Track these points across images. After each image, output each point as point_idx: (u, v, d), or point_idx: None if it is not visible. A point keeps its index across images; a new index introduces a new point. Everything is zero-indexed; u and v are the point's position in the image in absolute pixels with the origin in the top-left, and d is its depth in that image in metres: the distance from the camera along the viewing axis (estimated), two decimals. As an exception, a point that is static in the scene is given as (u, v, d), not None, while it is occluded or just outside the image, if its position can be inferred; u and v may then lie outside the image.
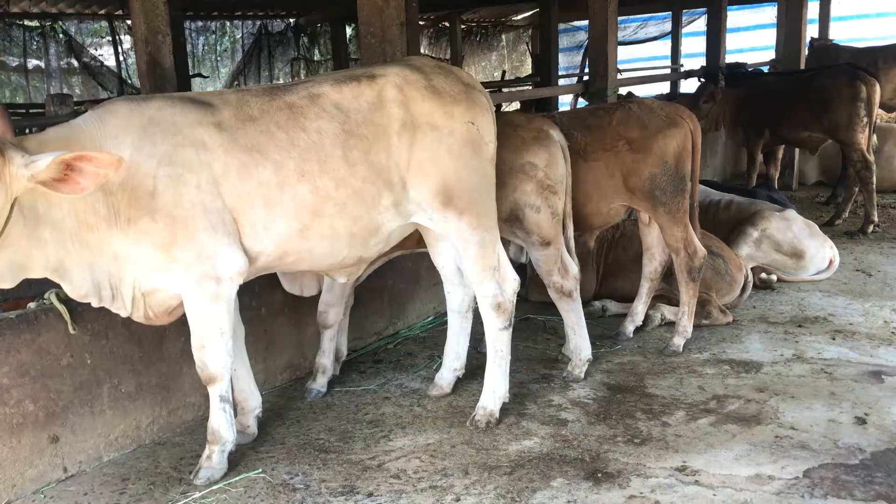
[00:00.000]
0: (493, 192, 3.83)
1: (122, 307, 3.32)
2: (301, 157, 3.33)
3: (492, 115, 3.80)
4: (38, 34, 11.78)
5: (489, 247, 3.81)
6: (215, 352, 3.38)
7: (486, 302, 3.88)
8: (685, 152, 4.54)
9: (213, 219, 3.22)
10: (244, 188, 3.27)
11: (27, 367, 3.40)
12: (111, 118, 3.17)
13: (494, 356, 3.96)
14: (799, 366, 4.53)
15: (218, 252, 3.25)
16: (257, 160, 3.28)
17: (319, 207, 3.38)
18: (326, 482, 3.47)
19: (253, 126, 3.31)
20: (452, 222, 3.69)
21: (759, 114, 8.48)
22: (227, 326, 3.39)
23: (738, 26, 16.73)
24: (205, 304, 3.31)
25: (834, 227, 7.75)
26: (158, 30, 5.54)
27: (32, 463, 3.43)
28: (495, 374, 3.97)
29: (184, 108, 3.26)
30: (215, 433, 3.50)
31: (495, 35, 19.16)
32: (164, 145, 3.16)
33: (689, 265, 4.69)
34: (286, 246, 3.42)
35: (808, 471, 3.39)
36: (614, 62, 7.64)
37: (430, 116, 3.56)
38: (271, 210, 3.32)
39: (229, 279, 3.32)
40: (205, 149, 3.22)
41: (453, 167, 3.61)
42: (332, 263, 3.62)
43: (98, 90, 12.28)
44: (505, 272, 3.91)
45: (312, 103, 3.42)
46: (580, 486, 3.36)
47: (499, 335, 3.93)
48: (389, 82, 3.54)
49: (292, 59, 14.82)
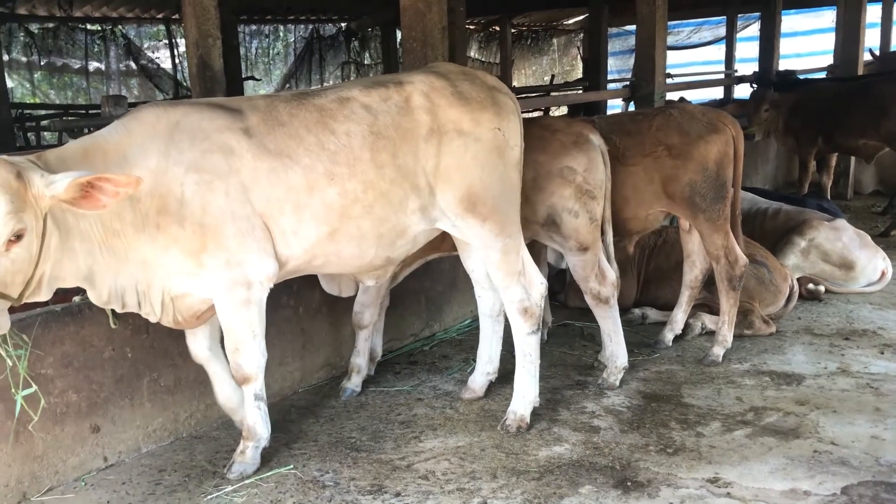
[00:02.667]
0: (516, 198, 3.81)
1: (152, 312, 3.34)
2: (330, 159, 3.34)
3: (518, 119, 3.78)
4: (99, 38, 12.19)
5: (512, 252, 3.79)
6: (249, 354, 3.42)
7: (512, 307, 3.88)
8: (727, 159, 4.46)
9: (242, 225, 3.23)
10: (274, 193, 3.27)
11: (71, 359, 3.52)
12: (137, 126, 3.18)
13: (523, 360, 3.95)
14: (843, 379, 4.40)
15: (248, 259, 3.26)
16: (287, 165, 3.28)
17: (348, 210, 3.38)
18: (356, 480, 3.51)
19: (282, 130, 3.31)
20: (475, 229, 3.68)
21: (812, 121, 8.28)
22: (260, 328, 3.42)
23: (795, 30, 16.37)
24: (237, 309, 3.33)
25: (889, 238, 7.50)
26: (209, 33, 5.66)
27: (74, 451, 3.55)
28: (525, 379, 3.95)
29: (211, 113, 3.26)
30: (250, 430, 3.56)
31: (546, 39, 19.09)
32: (191, 152, 3.17)
33: (729, 273, 4.61)
34: (315, 249, 3.44)
35: (847, 488, 3.29)
36: (662, 67, 7.55)
37: (458, 123, 3.55)
38: (301, 214, 3.32)
39: (259, 284, 3.34)
40: (233, 154, 3.22)
41: (479, 174, 3.60)
42: (360, 265, 3.64)
43: (155, 92, 12.65)
44: (531, 276, 3.89)
45: (342, 106, 3.42)
46: (608, 494, 3.32)
47: (527, 339, 3.92)
48: (416, 89, 3.54)
49: (343, 63, 15.02)
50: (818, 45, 15.28)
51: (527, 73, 18.97)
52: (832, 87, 8.43)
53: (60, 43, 11.82)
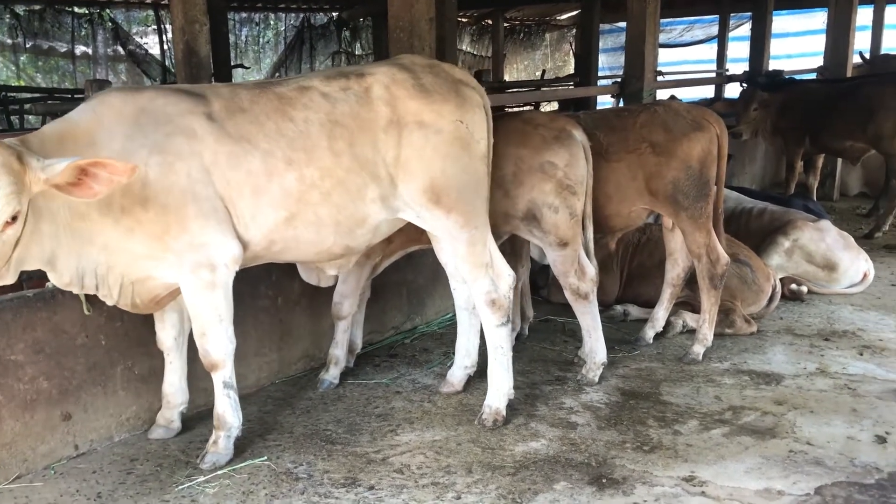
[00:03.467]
0: (483, 190, 3.80)
1: (109, 295, 3.36)
2: (289, 145, 3.38)
3: (484, 113, 3.77)
4: (86, 21, 12.05)
5: (479, 244, 3.79)
6: (216, 339, 3.42)
7: (480, 299, 3.85)
8: (710, 157, 4.44)
9: (204, 207, 3.26)
10: (234, 177, 3.31)
11: (42, 345, 3.48)
12: (105, 110, 3.22)
13: (495, 353, 3.91)
14: (822, 380, 4.40)
15: (211, 240, 3.29)
16: (246, 149, 3.32)
17: (305, 195, 3.41)
18: (329, 473, 3.48)
19: (243, 116, 3.36)
20: (440, 220, 3.68)
21: (799, 121, 8.29)
22: (227, 313, 3.43)
23: (786, 31, 16.40)
24: (201, 292, 3.34)
25: (872, 240, 7.52)
26: (196, 19, 5.58)
27: (44, 439, 3.50)
28: (498, 372, 3.93)
29: (176, 98, 3.31)
30: (220, 418, 3.54)
31: (538, 34, 19.05)
32: (155, 135, 3.21)
33: (711, 272, 4.60)
34: (273, 234, 3.45)
35: (821, 488, 3.29)
36: (652, 64, 7.53)
37: (418, 115, 3.56)
38: (259, 199, 3.36)
39: (224, 266, 3.35)
40: (195, 138, 3.26)
41: (441, 165, 3.60)
42: (319, 251, 3.64)
43: (142, 78, 12.52)
44: (499, 268, 3.88)
45: (301, 94, 3.47)
46: (583, 490, 3.31)
47: (497, 331, 3.89)
48: (377, 81, 3.56)
49: (334, 53, 14.92)
50: (809, 46, 15.32)
51: (519, 68, 18.93)
52: (821, 89, 8.44)
53: (47, 26, 11.68)
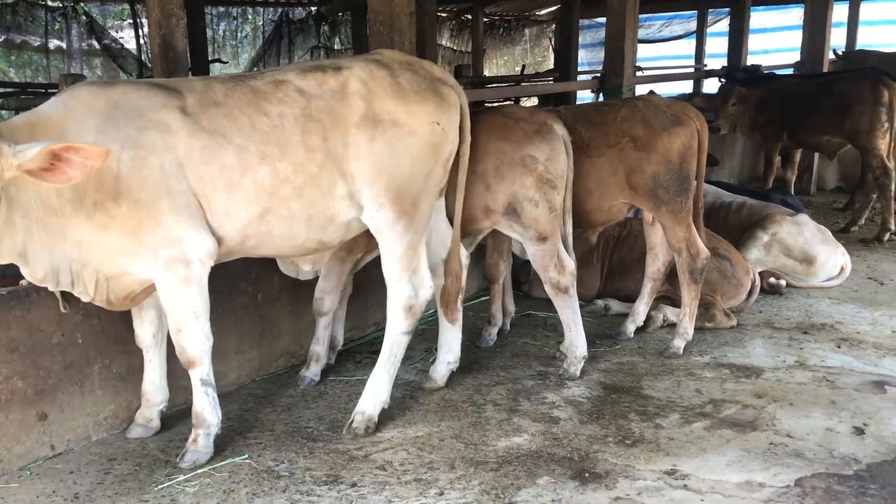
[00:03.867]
0: (435, 194, 3.80)
1: (84, 292, 3.32)
2: (262, 140, 3.34)
3: (459, 112, 3.74)
4: (59, 15, 11.83)
5: (415, 248, 3.76)
6: (192, 335, 3.38)
7: (398, 303, 3.79)
8: (690, 151, 4.46)
9: (178, 201, 3.22)
10: (208, 172, 3.27)
11: (17, 344, 3.41)
12: (75, 104, 3.17)
13: (387, 360, 3.84)
14: (800, 373, 4.44)
15: (185, 235, 3.25)
16: (220, 143, 3.29)
17: (278, 190, 3.38)
18: (311, 470, 3.46)
19: (217, 110, 3.31)
20: (389, 220, 3.62)
21: (777, 116, 8.35)
22: (202, 309, 3.38)
23: (765, 27, 16.52)
24: (176, 287, 3.30)
25: (849, 234, 7.62)
26: (172, 12, 5.52)
27: (20, 439, 3.45)
28: (382, 379, 3.85)
29: (149, 92, 3.27)
30: (199, 416, 3.50)
31: (518, 29, 19.03)
32: (127, 129, 3.16)
33: (691, 266, 4.62)
34: (247, 230, 3.42)
35: (801, 479, 3.32)
36: (632, 59, 7.53)
37: (393, 114, 3.52)
38: (233, 193, 3.32)
39: (198, 261, 3.31)
40: (169, 132, 3.22)
41: (408, 167, 3.58)
42: (292, 246, 3.61)
43: (118, 72, 12.32)
44: (422, 277, 3.86)
45: (276, 88, 3.42)
46: (566, 485, 3.31)
47: (399, 339, 3.85)
48: (354, 75, 3.52)
49: (313, 48, 14.77)
50: (786, 41, 15.44)
51: (498, 63, 18.89)
52: (798, 84, 8.50)
53: (19, 19, 11.43)
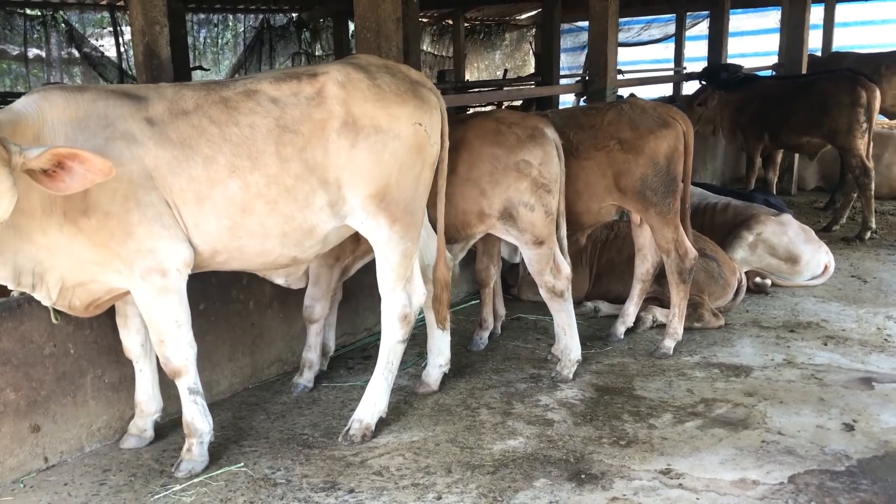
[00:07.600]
0: (425, 200, 3.74)
1: (46, 296, 3.27)
2: (232, 151, 3.26)
3: (440, 115, 3.71)
4: (39, 23, 11.74)
5: (409, 256, 3.72)
6: (175, 345, 3.35)
7: (392, 312, 3.77)
8: (677, 153, 4.51)
9: (148, 213, 3.17)
10: (176, 183, 3.21)
11: (9, 356, 3.38)
12: (48, 107, 3.09)
13: (384, 369, 3.83)
14: (789, 371, 4.50)
15: (159, 245, 3.21)
16: (188, 154, 3.22)
17: (250, 204, 3.31)
18: (308, 477, 3.45)
19: (185, 120, 3.25)
20: (383, 229, 3.58)
21: (758, 118, 8.45)
22: (184, 318, 3.35)
23: (742, 30, 16.72)
24: (155, 298, 3.26)
25: (831, 233, 7.73)
26: (156, 20, 5.49)
27: (12, 452, 3.41)
28: (380, 388, 3.83)
29: (116, 101, 3.20)
30: (190, 426, 3.48)
31: (499, 34, 19.12)
32: (95, 139, 3.10)
33: (679, 267, 4.67)
34: (217, 244, 3.36)
35: (794, 476, 3.36)
36: (614, 63, 7.61)
37: (374, 118, 3.44)
38: (202, 206, 3.26)
39: (176, 270, 3.27)
40: (135, 142, 3.16)
41: (395, 172, 3.51)
42: (264, 262, 3.56)
43: (98, 80, 12.24)
44: (416, 284, 3.86)
45: (248, 98, 3.34)
46: (563, 486, 3.33)
47: (395, 347, 3.83)
48: (331, 79, 3.44)
49: (294, 54, 14.77)
50: (764, 45, 15.63)
51: (479, 68, 18.97)
52: (777, 86, 8.61)
53: (-2, 28, 11.37)
